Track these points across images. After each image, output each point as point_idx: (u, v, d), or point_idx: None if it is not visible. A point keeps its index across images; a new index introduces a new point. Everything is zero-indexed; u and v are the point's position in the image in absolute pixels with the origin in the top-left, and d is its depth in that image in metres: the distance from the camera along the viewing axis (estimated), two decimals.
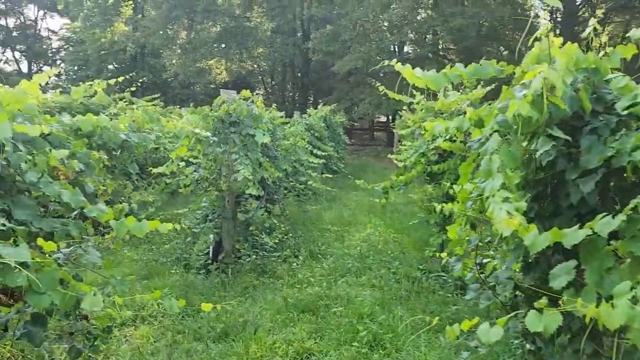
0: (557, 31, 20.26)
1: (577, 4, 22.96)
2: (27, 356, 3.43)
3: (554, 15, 23.69)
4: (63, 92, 6.50)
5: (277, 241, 6.41)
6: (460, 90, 5.81)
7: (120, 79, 7.06)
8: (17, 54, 36.80)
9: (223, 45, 28.94)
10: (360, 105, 24.29)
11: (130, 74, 10.25)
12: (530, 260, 2.34)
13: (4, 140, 1.89)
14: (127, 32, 27.70)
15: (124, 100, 8.55)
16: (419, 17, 24.58)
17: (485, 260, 2.76)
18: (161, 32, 27.10)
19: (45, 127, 1.86)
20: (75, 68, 29.96)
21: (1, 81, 3.89)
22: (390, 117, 28.17)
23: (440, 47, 25.79)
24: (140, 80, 21.03)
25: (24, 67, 36.46)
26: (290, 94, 34.04)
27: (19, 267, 1.47)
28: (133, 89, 8.83)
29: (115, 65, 28.63)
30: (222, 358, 3.72)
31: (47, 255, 1.80)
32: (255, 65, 33.05)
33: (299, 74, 31.97)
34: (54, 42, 37.25)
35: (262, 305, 4.73)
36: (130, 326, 4.32)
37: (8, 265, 1.61)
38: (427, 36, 25.34)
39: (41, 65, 36.34)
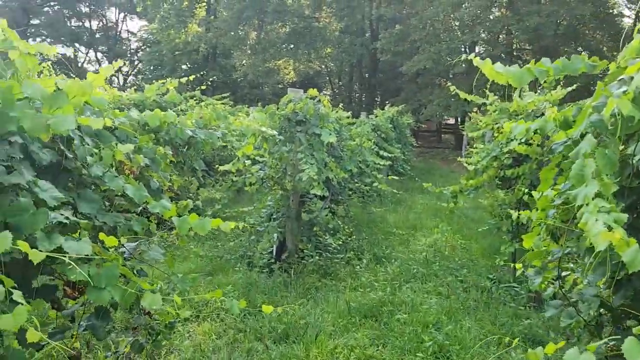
0: None
1: None
2: (94, 346, 3.52)
3: None
4: (137, 90, 6.71)
5: (340, 242, 6.32)
6: (537, 91, 5.49)
7: (192, 77, 7.21)
8: (99, 55, 38.88)
9: (292, 46, 29.25)
10: (428, 106, 23.79)
11: (201, 72, 10.48)
12: (620, 277, 2.11)
13: (70, 132, 1.90)
14: (200, 33, 28.57)
15: (194, 98, 8.76)
16: (492, 16, 23.76)
17: (564, 274, 2.53)
18: (232, 33, 27.73)
19: (109, 119, 1.85)
20: (151, 68, 31.27)
21: (77, 75, 4.01)
22: (459, 119, 27.42)
23: (514, 47, 24.82)
24: (211, 80, 21.62)
25: None
26: (357, 94, 33.91)
27: (72, 263, 1.44)
28: (203, 87, 9.03)
29: (188, 65, 29.60)
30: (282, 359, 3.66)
31: (109, 250, 1.79)
32: (322, 66, 33.18)
33: (366, 75, 31.78)
34: (132, 43, 39.11)
35: (323, 307, 4.65)
36: (193, 322, 4.35)
37: (71, 259, 1.60)
38: (501, 36, 24.44)
39: (120, 65, 38.19)
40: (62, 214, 1.69)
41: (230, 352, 3.80)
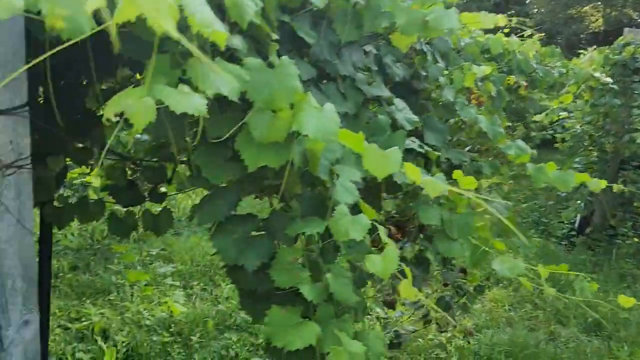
0: None
1: None
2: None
3: None
4: None
5: None
6: None
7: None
8: None
9: None
10: None
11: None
12: None
13: (423, 46, 1.58)
14: None
15: None
16: None
17: None
18: None
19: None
20: None
21: None
22: None
23: None
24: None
25: None
26: None
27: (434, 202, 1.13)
28: (507, 30, 8.20)
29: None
30: (599, 357, 2.99)
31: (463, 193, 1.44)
32: (638, 13, 27.96)
33: None
34: None
35: None
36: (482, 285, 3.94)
37: (426, 198, 1.30)
38: None
39: None
40: (414, 141, 1.38)
41: (529, 331, 3.29)
